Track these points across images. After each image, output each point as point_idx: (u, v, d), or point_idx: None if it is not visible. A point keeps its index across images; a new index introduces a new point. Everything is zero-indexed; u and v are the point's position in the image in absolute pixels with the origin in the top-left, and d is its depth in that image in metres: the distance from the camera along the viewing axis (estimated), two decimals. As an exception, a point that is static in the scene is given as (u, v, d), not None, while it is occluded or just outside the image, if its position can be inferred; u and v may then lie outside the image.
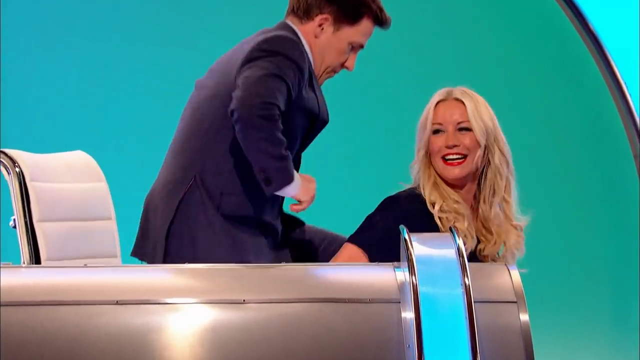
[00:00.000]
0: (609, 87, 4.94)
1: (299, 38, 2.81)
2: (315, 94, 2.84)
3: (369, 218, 2.84)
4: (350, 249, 2.81)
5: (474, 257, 2.81)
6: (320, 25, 2.82)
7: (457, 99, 2.87)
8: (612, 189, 5.02)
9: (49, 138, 4.83)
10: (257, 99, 2.61)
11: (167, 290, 2.33)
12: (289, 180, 2.67)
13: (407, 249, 2.29)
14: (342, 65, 2.87)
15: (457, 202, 2.82)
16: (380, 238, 2.77)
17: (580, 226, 5.03)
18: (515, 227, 2.89)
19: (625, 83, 4.90)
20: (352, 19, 2.83)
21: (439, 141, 2.84)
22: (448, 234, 2.37)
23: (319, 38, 2.83)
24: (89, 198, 2.95)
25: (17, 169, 2.78)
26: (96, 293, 2.30)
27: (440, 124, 2.84)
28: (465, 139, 2.84)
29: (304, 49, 2.78)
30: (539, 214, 4.97)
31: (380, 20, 2.88)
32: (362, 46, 2.88)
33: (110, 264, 2.88)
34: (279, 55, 2.70)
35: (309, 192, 2.75)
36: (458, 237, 2.33)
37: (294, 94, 2.71)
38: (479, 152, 2.84)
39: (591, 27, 4.87)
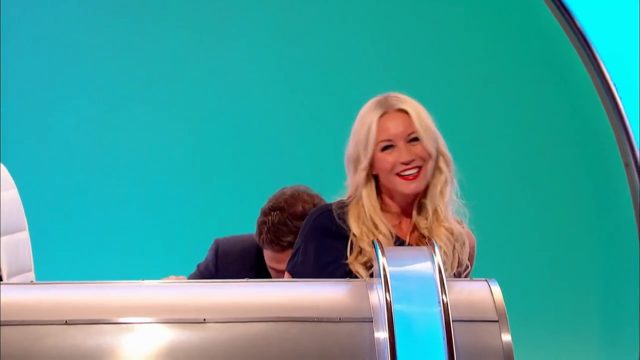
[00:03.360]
0: (598, 91, 4.97)
1: None
2: None
3: (296, 240, 2.93)
4: (285, 276, 2.91)
5: None
6: None
7: (400, 110, 2.87)
8: (602, 199, 5.06)
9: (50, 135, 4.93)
10: None
11: (120, 309, 2.32)
12: None
13: (381, 263, 2.30)
14: None
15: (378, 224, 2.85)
16: (302, 261, 2.84)
17: (567, 238, 5.05)
18: (445, 227, 2.87)
19: (615, 87, 4.93)
20: None
21: (391, 157, 2.85)
22: (425, 248, 2.38)
23: None
24: (5, 209, 2.92)
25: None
26: (43, 312, 2.29)
27: (389, 140, 2.86)
28: (417, 150, 2.85)
29: None
30: (523, 224, 5.02)
31: None
32: None
33: (26, 281, 2.86)
34: None
35: None
36: (435, 250, 2.33)
37: None
38: (431, 162, 2.85)
39: (579, 26, 4.90)
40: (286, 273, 2.93)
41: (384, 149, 2.85)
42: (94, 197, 5.00)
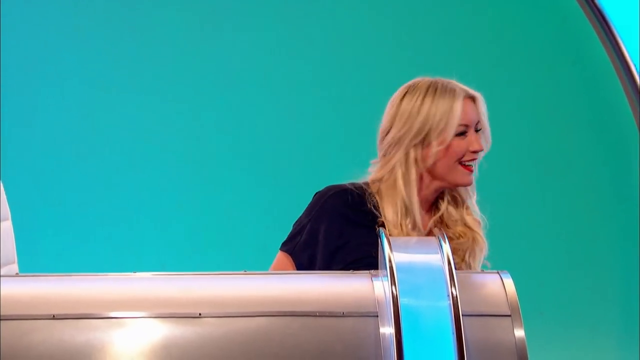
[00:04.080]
0: (618, 73, 4.97)
1: None
2: None
3: (299, 218, 2.94)
4: (278, 257, 2.93)
5: None
6: None
7: (471, 97, 2.95)
8: (621, 187, 5.05)
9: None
10: None
11: (111, 303, 2.32)
12: None
13: (387, 255, 2.30)
14: None
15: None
16: (305, 241, 2.83)
17: (584, 228, 5.05)
18: (479, 224, 2.95)
19: (635, 67, 4.92)
20: None
21: (464, 144, 2.90)
22: (433, 238, 2.38)
23: None
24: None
25: None
26: (30, 306, 2.29)
27: (466, 125, 2.89)
28: (480, 141, 2.92)
29: None
30: (538, 213, 5.02)
31: None
32: None
33: (10, 273, 2.85)
34: None
35: None
36: (444, 241, 2.33)
37: None
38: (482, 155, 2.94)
39: (596, 1, 4.89)
40: (280, 253, 2.92)
41: (458, 134, 2.88)
42: (83, 185, 5.01)
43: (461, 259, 2.93)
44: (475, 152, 2.90)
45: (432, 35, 5.05)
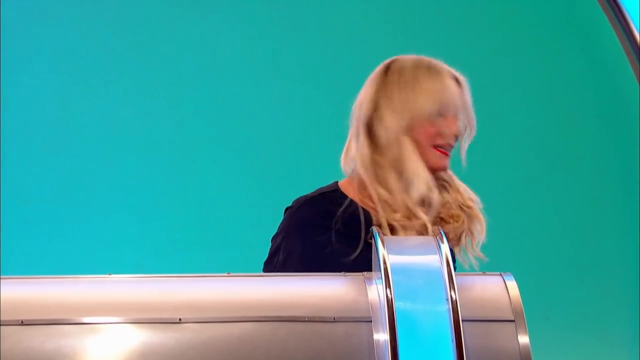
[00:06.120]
0: (629, 59, 4.98)
1: None
2: None
3: (274, 235, 2.95)
4: None
5: None
6: None
7: (455, 79, 2.98)
8: (631, 183, 5.07)
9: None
10: None
11: (84, 308, 2.32)
12: None
13: (381, 255, 2.30)
14: None
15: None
16: (284, 260, 2.85)
17: (593, 227, 5.07)
18: (473, 201, 2.97)
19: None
20: None
21: (438, 126, 2.91)
22: (430, 237, 2.38)
23: None
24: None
25: None
26: (-4, 311, 2.29)
27: (447, 107, 2.92)
28: (459, 125, 2.97)
29: None
30: (543, 211, 5.03)
31: None
32: None
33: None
34: None
35: None
36: (443, 240, 2.34)
37: None
38: None
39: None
40: None
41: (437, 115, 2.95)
42: (53, 180, 5.00)
43: (457, 241, 2.93)
44: (452, 135, 2.92)
45: (433, 21, 5.05)
